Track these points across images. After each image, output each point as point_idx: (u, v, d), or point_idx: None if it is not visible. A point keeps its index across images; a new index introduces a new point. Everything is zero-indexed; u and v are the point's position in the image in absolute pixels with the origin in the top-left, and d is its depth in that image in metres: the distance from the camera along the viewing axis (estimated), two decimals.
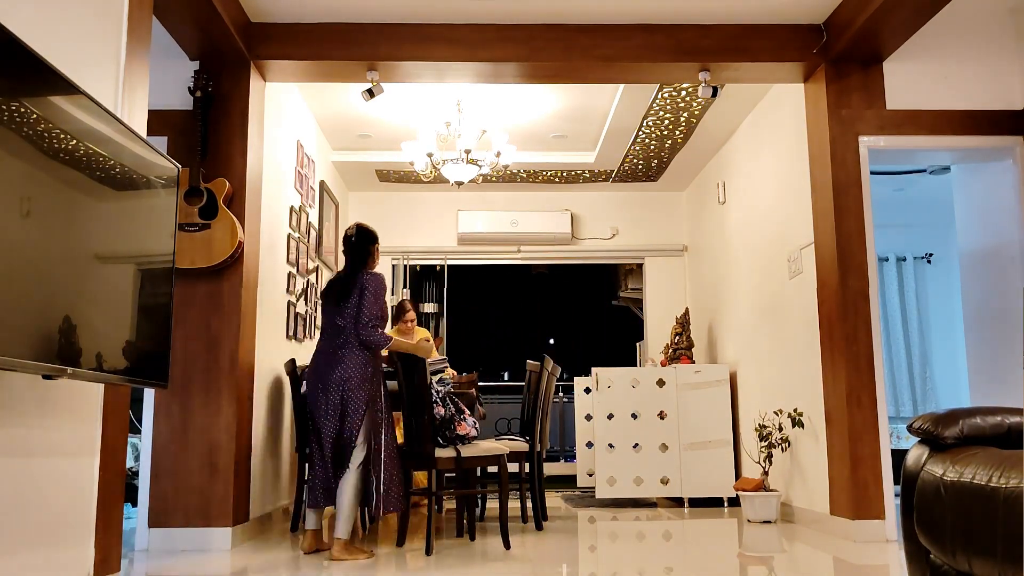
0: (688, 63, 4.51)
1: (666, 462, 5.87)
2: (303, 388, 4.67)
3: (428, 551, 3.80)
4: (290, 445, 5.24)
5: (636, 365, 7.95)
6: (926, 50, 4.53)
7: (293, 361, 4.86)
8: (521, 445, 4.83)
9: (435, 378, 4.66)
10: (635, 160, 6.76)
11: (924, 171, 6.62)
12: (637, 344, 8.01)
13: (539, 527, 4.70)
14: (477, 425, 4.15)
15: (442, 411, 4.00)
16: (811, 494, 4.72)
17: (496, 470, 4.30)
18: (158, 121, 4.25)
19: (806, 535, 4.40)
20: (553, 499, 6.48)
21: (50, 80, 2.13)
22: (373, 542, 4.26)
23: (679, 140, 6.29)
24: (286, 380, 5.13)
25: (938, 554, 2.06)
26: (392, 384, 4.19)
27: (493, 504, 5.88)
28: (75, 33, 2.62)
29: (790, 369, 5.05)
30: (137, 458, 5.48)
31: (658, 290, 7.62)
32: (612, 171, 7.05)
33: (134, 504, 4.59)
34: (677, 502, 6.11)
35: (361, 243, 3.96)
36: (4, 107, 1.94)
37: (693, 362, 6.41)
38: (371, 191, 7.56)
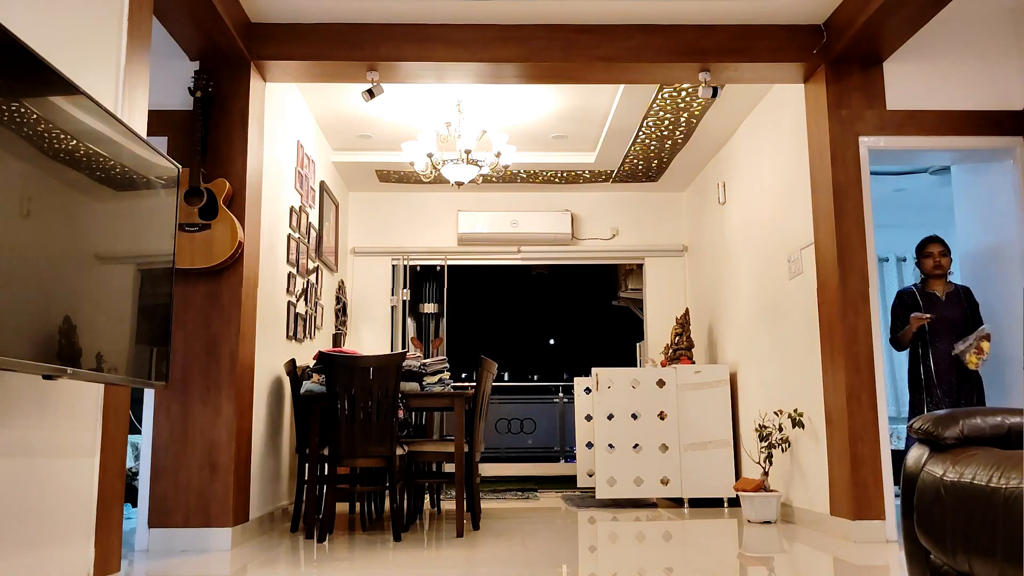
0: (688, 63, 4.51)
1: (666, 462, 5.87)
2: (303, 389, 4.67)
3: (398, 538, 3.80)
4: (290, 445, 5.24)
5: (636, 365, 7.95)
6: (926, 50, 4.53)
7: (293, 361, 4.86)
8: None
9: (435, 378, 4.68)
10: (635, 160, 6.76)
11: (924, 171, 6.62)
12: (637, 344, 8.01)
13: (476, 527, 4.72)
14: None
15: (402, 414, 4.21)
16: (811, 494, 4.72)
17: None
18: (158, 121, 4.25)
19: (806, 536, 4.39)
20: (553, 499, 6.48)
21: (50, 80, 2.13)
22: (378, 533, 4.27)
23: (679, 140, 6.29)
24: (286, 380, 5.13)
25: (938, 555, 2.06)
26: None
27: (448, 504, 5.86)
28: (75, 33, 2.62)
29: (790, 369, 5.05)
30: (137, 458, 5.48)
31: (658, 290, 7.61)
32: (612, 171, 7.05)
33: (134, 504, 4.59)
34: (677, 502, 6.11)
35: None
36: (4, 107, 1.94)
37: (693, 362, 6.41)
38: (371, 191, 7.56)
